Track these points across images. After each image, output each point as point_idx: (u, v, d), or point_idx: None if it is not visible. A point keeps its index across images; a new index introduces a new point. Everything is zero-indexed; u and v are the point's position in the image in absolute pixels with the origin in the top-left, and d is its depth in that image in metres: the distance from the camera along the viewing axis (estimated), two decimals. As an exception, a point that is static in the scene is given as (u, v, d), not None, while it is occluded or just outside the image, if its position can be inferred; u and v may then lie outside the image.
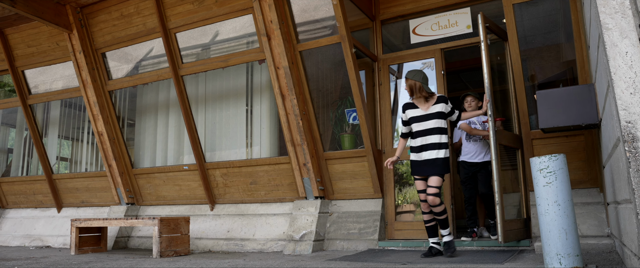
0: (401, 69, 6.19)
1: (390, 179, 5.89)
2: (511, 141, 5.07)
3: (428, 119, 4.38)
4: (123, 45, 6.98)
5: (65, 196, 7.86)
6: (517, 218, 4.99)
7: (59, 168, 8.08)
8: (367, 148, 5.64)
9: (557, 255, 3.31)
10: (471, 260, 4.20)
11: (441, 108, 4.40)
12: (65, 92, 7.62)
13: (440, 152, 4.34)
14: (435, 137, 4.36)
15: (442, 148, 4.35)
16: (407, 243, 5.44)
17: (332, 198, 6.00)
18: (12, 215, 8.29)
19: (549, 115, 4.12)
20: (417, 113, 4.45)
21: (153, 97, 7.29)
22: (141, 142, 7.36)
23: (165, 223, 5.52)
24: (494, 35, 5.15)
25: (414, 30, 6.06)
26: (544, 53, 5.64)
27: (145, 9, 6.65)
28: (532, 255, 4.39)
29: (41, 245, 7.50)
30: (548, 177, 3.39)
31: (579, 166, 4.77)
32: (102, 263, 4.88)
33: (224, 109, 6.67)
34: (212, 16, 6.27)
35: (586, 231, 4.45)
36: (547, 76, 5.54)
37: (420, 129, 4.42)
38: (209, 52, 6.64)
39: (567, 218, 3.33)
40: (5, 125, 8.81)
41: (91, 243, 6.26)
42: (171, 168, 6.84)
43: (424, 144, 4.38)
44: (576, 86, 4.08)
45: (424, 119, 4.40)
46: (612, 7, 2.58)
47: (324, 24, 5.86)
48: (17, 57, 7.83)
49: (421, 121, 4.42)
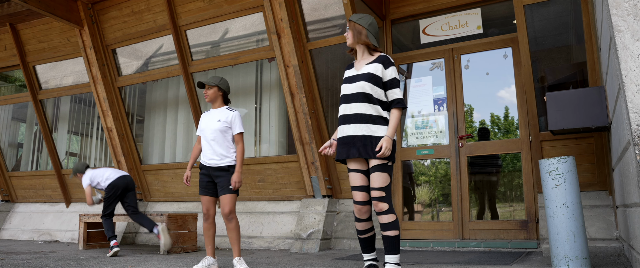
0: (411, 69, 6.18)
1: (398, 179, 5.89)
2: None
3: (355, 80, 3.15)
4: (133, 41, 7.03)
5: (74, 191, 7.92)
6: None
7: (68, 164, 8.15)
8: (375, 147, 5.63)
9: (565, 257, 3.30)
10: (478, 261, 4.19)
11: (374, 69, 3.12)
12: (76, 88, 7.68)
13: (374, 128, 3.07)
14: (364, 106, 3.10)
15: (376, 123, 3.09)
16: (414, 243, 5.44)
17: (340, 197, 6.01)
18: (22, 209, 8.37)
19: (558, 117, 4.10)
20: (349, 73, 3.25)
21: (162, 94, 7.33)
22: (150, 138, 7.41)
23: (173, 220, 5.55)
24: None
25: (424, 30, 6.05)
26: (554, 54, 5.61)
27: (155, 6, 6.69)
28: (540, 257, 4.38)
29: (50, 239, 7.57)
30: (557, 179, 3.38)
31: (588, 168, 4.74)
32: (109, 259, 4.92)
33: (233, 106, 6.69)
34: (223, 14, 6.30)
35: (594, 234, 4.43)
36: (557, 78, 5.51)
37: (344, 92, 3.20)
38: (219, 50, 6.67)
39: (576, 220, 3.32)
40: (16, 120, 8.89)
41: (99, 238, 6.31)
42: (180, 165, 6.88)
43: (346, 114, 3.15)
44: (586, 88, 4.06)
45: (351, 81, 3.18)
46: (624, 9, 2.56)
47: (333, 22, 5.87)
48: (29, 53, 7.90)
49: (348, 82, 3.21)
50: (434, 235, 5.61)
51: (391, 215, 3.03)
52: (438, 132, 5.87)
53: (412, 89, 6.11)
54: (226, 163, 3.99)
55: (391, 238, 3.04)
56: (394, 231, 3.04)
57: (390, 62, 3.17)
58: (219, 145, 4.01)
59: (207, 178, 4.05)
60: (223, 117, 4.07)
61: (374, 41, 3.24)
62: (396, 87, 3.15)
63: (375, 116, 3.09)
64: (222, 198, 3.97)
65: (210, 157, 4.02)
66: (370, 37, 3.22)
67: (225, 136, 4.04)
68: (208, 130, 4.06)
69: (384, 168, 3.04)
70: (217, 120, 4.06)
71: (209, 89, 4.14)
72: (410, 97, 6.11)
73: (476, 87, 5.79)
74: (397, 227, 3.05)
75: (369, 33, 3.21)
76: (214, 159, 4.00)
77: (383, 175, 3.03)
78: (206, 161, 4.05)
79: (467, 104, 5.79)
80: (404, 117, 6.12)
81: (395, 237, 3.05)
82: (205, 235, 4.06)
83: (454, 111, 5.71)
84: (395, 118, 3.11)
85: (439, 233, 5.59)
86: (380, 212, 3.03)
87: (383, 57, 3.18)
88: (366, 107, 3.10)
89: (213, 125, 4.05)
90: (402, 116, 6.11)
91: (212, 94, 4.15)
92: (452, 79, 5.78)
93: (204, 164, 4.06)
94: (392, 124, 3.10)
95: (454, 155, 5.65)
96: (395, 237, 3.05)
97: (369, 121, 3.09)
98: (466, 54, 5.77)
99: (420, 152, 5.88)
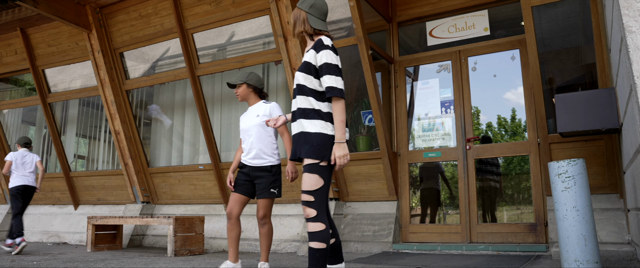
0: (417, 72, 6.16)
1: (406, 181, 5.86)
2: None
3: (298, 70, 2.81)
4: (141, 45, 7.06)
5: (82, 194, 7.96)
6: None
7: (76, 166, 8.19)
8: (383, 150, 5.62)
9: (576, 261, 3.26)
10: (487, 264, 4.16)
11: (308, 57, 2.75)
12: (84, 91, 7.73)
13: (305, 123, 2.68)
14: (299, 99, 2.75)
15: (308, 118, 2.68)
16: (421, 246, 5.40)
17: (347, 200, 5.99)
18: (31, 211, 8.42)
19: (567, 119, 4.06)
20: None
21: (169, 97, 7.35)
22: (157, 141, 7.43)
23: (180, 223, 5.56)
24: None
25: (430, 33, 6.03)
26: (563, 56, 5.57)
27: (163, 10, 6.72)
28: (549, 261, 4.34)
29: (58, 241, 7.61)
30: (567, 182, 3.35)
31: (598, 171, 4.69)
32: (118, 261, 4.93)
33: (240, 109, 6.70)
34: (229, 17, 6.31)
35: (605, 238, 4.38)
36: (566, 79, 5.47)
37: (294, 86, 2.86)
38: (225, 53, 6.69)
39: (587, 224, 3.28)
40: (25, 123, 8.95)
41: (107, 240, 6.33)
42: (186, 168, 6.89)
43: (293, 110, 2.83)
44: (596, 90, 4.02)
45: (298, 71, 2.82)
46: (636, 9, 2.53)
47: (340, 25, 5.86)
48: (38, 57, 7.96)
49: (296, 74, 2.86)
50: (441, 238, 5.57)
51: (318, 223, 2.54)
52: (445, 135, 5.84)
53: (418, 92, 6.08)
54: (268, 163, 3.79)
55: (314, 250, 2.52)
56: (319, 242, 2.52)
57: (323, 45, 2.68)
58: (262, 141, 3.81)
59: (245, 177, 3.85)
60: (261, 111, 3.86)
61: (317, 24, 2.78)
62: (328, 72, 2.63)
63: (309, 110, 2.68)
64: (260, 202, 3.77)
65: (252, 157, 3.82)
66: (312, 20, 2.77)
67: (267, 131, 3.85)
68: (248, 128, 3.87)
69: (313, 169, 2.59)
70: (256, 115, 3.86)
71: (238, 87, 3.95)
72: (417, 99, 6.09)
73: (483, 89, 5.76)
74: (322, 238, 2.53)
75: (311, 15, 2.78)
76: (255, 159, 3.80)
77: (311, 177, 2.58)
78: (248, 160, 3.84)
79: (474, 106, 5.75)
80: (411, 119, 6.08)
81: (320, 249, 2.52)
82: (227, 236, 3.85)
83: (462, 113, 5.68)
84: (337, 113, 2.62)
85: (446, 236, 5.56)
86: (307, 219, 2.58)
87: (318, 40, 2.72)
88: (301, 100, 2.72)
89: (252, 121, 3.85)
90: (410, 119, 6.07)
91: (242, 91, 3.94)
92: (459, 81, 5.75)
93: (245, 163, 3.85)
94: (336, 122, 2.61)
95: (461, 158, 5.62)
96: (319, 250, 2.52)
97: (302, 116, 2.69)
98: (473, 56, 5.75)
99: (428, 155, 5.86)
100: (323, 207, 2.60)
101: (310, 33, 2.79)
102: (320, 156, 2.58)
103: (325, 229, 2.55)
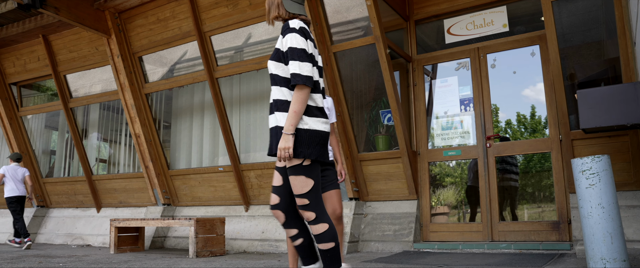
0: (436, 70, 6.12)
1: (426, 180, 5.83)
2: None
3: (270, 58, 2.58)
4: (159, 48, 7.14)
5: (104, 196, 8.09)
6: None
7: (98, 170, 8.32)
8: (402, 149, 5.59)
9: (602, 259, 3.21)
10: (510, 263, 4.11)
11: (278, 43, 2.53)
12: (104, 95, 7.85)
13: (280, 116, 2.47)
14: (274, 90, 2.53)
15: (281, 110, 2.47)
16: (442, 245, 5.37)
17: (367, 200, 5.98)
18: (55, 214, 8.59)
19: (590, 114, 3.99)
20: None
21: (188, 100, 7.42)
22: (177, 143, 7.51)
23: (201, 224, 5.61)
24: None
25: (448, 30, 5.98)
26: (584, 51, 5.48)
27: (180, 13, 6.79)
28: (574, 259, 4.27)
29: (82, 243, 7.74)
30: (591, 179, 3.29)
31: (624, 167, 4.61)
32: (141, 263, 5.00)
33: (259, 110, 6.73)
34: (246, 19, 6.35)
35: (632, 235, 4.30)
36: (588, 74, 5.37)
37: None
38: (243, 55, 6.73)
39: (613, 221, 3.22)
40: (49, 128, 9.13)
41: (129, 242, 6.42)
42: (206, 170, 6.95)
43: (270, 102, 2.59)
44: (620, 84, 3.94)
45: None
46: (662, 2, 2.48)
47: (357, 25, 5.85)
48: (60, 62, 8.11)
49: None
50: (462, 237, 5.53)
51: (320, 224, 2.43)
52: (464, 133, 5.79)
53: (437, 90, 6.05)
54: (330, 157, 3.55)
55: (324, 252, 2.46)
56: (326, 243, 2.45)
57: (288, 28, 2.44)
58: None
59: None
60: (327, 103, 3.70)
61: (292, 7, 2.54)
62: (292, 58, 2.39)
63: (282, 101, 2.46)
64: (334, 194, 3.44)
65: None
66: (287, 3, 2.53)
67: None
68: None
69: (297, 170, 2.41)
70: None
71: None
72: (436, 97, 6.05)
73: (502, 86, 5.69)
74: (331, 237, 2.45)
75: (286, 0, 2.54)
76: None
77: (298, 179, 2.41)
78: None
79: (493, 104, 5.70)
80: (430, 118, 6.04)
81: (329, 250, 2.45)
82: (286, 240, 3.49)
83: (481, 111, 5.63)
84: (294, 101, 2.38)
85: (467, 234, 5.51)
86: (308, 222, 2.46)
87: (285, 24, 2.49)
88: (275, 91, 2.50)
89: None
90: (429, 118, 6.03)
91: None
92: (479, 78, 5.70)
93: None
94: (289, 111, 2.38)
95: (481, 156, 5.56)
96: (329, 250, 2.45)
97: (275, 108, 2.48)
98: (492, 53, 5.69)
99: (447, 153, 5.82)
100: (320, 205, 2.47)
101: (286, 18, 2.54)
102: (301, 155, 2.39)
103: (329, 228, 2.45)
